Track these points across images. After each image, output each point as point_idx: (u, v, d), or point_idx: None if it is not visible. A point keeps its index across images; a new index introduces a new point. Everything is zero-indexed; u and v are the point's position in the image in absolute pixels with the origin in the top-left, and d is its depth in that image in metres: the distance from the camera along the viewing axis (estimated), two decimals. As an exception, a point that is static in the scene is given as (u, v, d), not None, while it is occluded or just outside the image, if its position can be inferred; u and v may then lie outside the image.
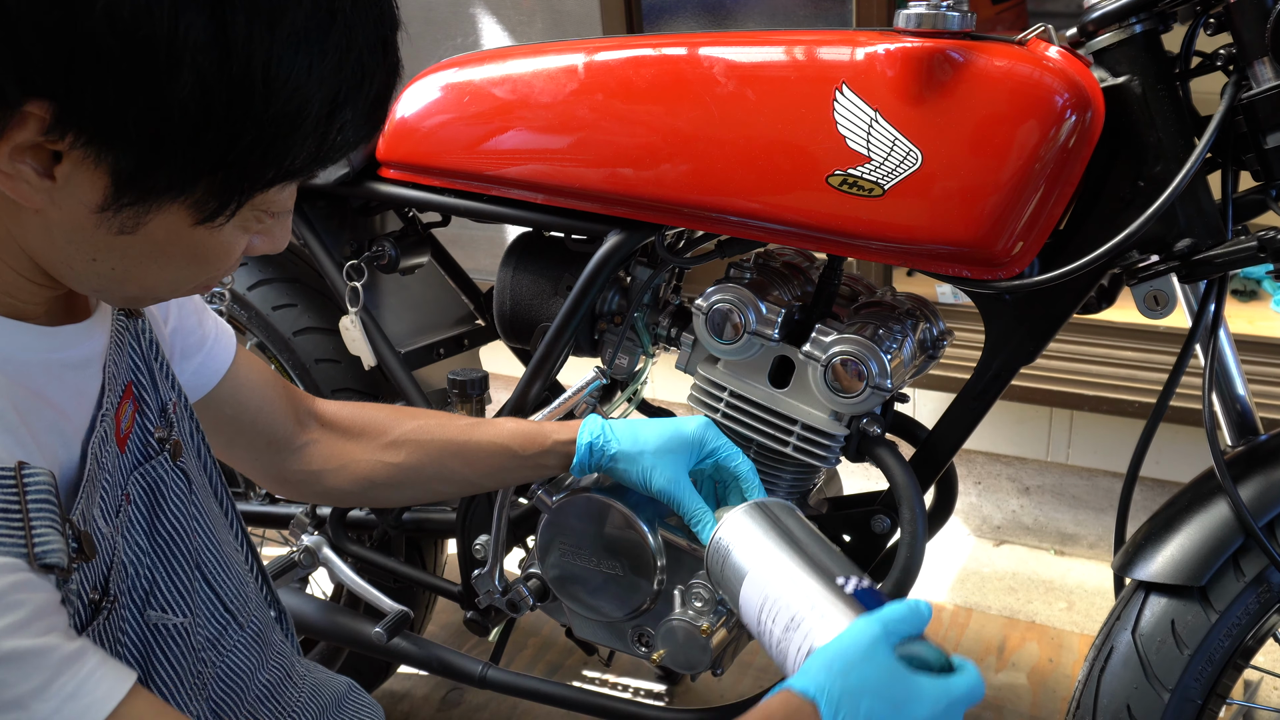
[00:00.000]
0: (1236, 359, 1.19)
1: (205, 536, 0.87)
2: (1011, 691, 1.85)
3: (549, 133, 1.19)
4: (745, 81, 1.08)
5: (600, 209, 1.20)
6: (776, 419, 1.20)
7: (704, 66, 1.10)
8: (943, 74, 1.00)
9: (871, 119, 1.02)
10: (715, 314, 1.19)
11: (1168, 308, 1.06)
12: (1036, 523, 2.24)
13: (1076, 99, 0.99)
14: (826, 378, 1.15)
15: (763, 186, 1.08)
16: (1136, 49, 1.00)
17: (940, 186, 1.01)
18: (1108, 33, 1.00)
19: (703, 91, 1.10)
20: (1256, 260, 0.97)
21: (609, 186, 1.16)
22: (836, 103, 1.03)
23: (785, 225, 1.09)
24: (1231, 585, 1.05)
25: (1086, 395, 2.02)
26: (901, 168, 1.02)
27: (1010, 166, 1.00)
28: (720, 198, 1.11)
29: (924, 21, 1.01)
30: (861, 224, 1.05)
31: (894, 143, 1.02)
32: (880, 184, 1.03)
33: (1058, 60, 1.00)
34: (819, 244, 1.11)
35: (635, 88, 1.13)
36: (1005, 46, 1.01)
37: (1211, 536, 1.06)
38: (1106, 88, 1.01)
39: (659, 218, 1.17)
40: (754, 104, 1.08)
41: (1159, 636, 1.07)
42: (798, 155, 1.06)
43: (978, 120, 1.00)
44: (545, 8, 2.40)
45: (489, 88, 1.22)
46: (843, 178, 1.04)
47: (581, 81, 1.16)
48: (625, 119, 1.14)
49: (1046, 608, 2.05)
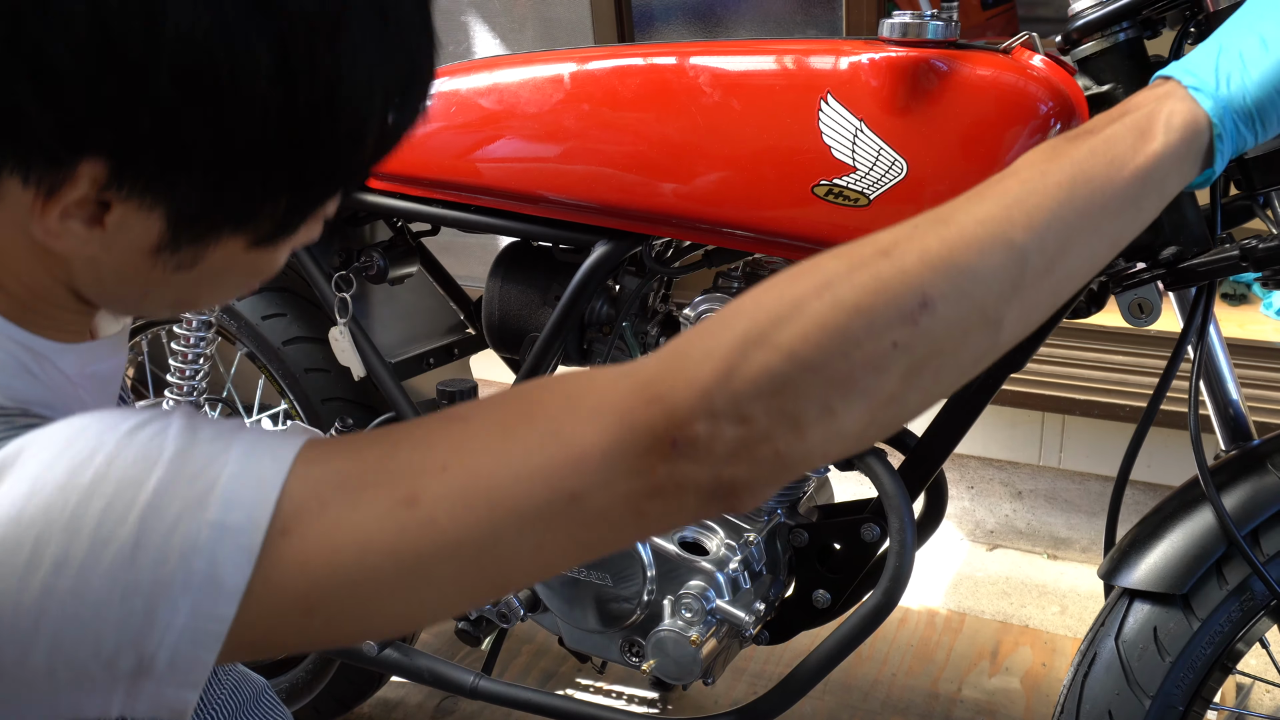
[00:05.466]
0: (1229, 362, 1.18)
1: None
2: (1005, 696, 1.84)
3: (535, 143, 1.18)
4: (731, 91, 1.08)
5: (587, 219, 1.19)
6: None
7: (690, 76, 1.10)
8: (927, 83, 1.00)
9: (857, 129, 1.02)
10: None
11: (1152, 315, 1.06)
12: (1029, 527, 2.23)
13: (1060, 108, 0.99)
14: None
15: (748, 197, 1.08)
16: (1120, 57, 1.00)
17: (926, 196, 1.01)
18: (1091, 40, 1.00)
19: (688, 101, 1.10)
20: (1239, 269, 0.97)
21: (595, 197, 1.16)
22: (822, 112, 1.03)
23: (771, 235, 1.09)
24: (1214, 593, 1.05)
25: (1078, 400, 2.01)
26: (887, 177, 1.02)
27: (989, 174, 1.00)
28: (706, 208, 1.10)
29: (908, 31, 1.01)
30: (848, 234, 1.05)
31: (879, 152, 1.02)
32: (866, 194, 1.03)
33: (1041, 69, 1.00)
34: (805, 254, 1.10)
35: (621, 97, 1.13)
36: (989, 55, 1.01)
37: (1195, 544, 1.06)
38: (1091, 96, 1.01)
39: (645, 228, 1.17)
40: (739, 114, 1.08)
41: (1141, 643, 1.07)
42: (783, 165, 1.06)
43: (962, 129, 1.00)
44: (537, 15, 2.40)
45: (476, 98, 1.22)
46: (828, 188, 1.04)
47: (568, 91, 1.16)
48: (611, 129, 1.14)
49: (1040, 612, 2.05)
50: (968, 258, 0.57)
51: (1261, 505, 1.04)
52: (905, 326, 0.55)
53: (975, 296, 0.57)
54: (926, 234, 0.58)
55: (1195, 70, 0.67)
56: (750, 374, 0.54)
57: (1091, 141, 0.63)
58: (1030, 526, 2.22)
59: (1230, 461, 1.12)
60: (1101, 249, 0.62)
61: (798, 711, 1.80)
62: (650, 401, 0.55)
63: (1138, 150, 0.63)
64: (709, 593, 1.24)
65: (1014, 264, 0.58)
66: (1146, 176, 0.63)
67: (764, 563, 1.28)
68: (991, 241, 0.58)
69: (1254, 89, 0.65)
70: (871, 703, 1.84)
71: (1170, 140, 0.64)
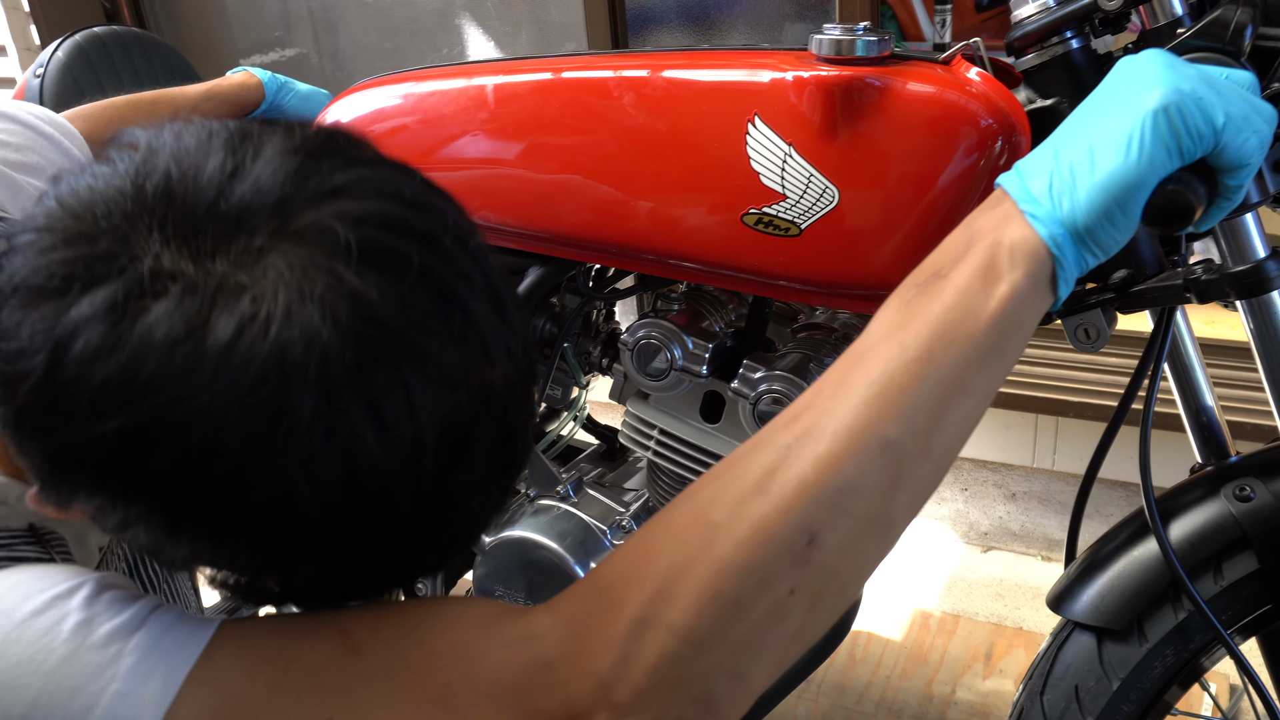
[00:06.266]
0: (1204, 370, 1.12)
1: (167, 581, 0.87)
2: (999, 698, 1.81)
3: (458, 167, 1.14)
4: (656, 112, 1.03)
5: (514, 244, 1.15)
6: (710, 459, 1.16)
7: (614, 96, 1.05)
8: (858, 105, 0.94)
9: (785, 154, 0.96)
10: (641, 350, 1.15)
11: (1100, 340, 1.00)
12: (1023, 529, 2.18)
13: (998, 126, 0.92)
14: (757, 417, 1.10)
15: (676, 225, 1.03)
16: (1063, 70, 0.94)
17: (859, 226, 0.95)
18: (1033, 52, 0.94)
19: (613, 123, 1.05)
20: (1184, 299, 0.91)
21: (520, 223, 1.12)
22: (750, 136, 0.98)
23: (701, 265, 1.04)
24: (1166, 619, 1.02)
25: (1071, 401, 1.96)
26: (818, 206, 0.96)
27: (931, 202, 0.94)
28: (631, 236, 1.05)
29: (838, 49, 0.95)
30: (780, 265, 1.00)
31: (809, 179, 0.96)
32: (797, 223, 0.98)
33: (978, 84, 0.94)
34: (737, 284, 1.06)
35: (543, 119, 1.08)
36: (925, 70, 0.95)
37: (1139, 578, 1.02)
38: (1035, 110, 0.95)
39: (574, 254, 1.12)
40: (665, 137, 1.02)
41: (1087, 666, 1.05)
42: (711, 193, 1.00)
43: (895, 154, 0.94)
44: (531, 18, 2.35)
45: (401, 116, 1.18)
46: (758, 217, 0.99)
47: (490, 112, 1.11)
48: (534, 153, 1.09)
49: (1034, 614, 2.01)
50: (846, 475, 0.54)
51: (1209, 539, 0.99)
52: (797, 569, 0.53)
53: (860, 510, 0.55)
54: (801, 456, 0.55)
55: (1030, 184, 0.62)
56: (648, 662, 0.52)
57: (942, 295, 0.59)
58: (1024, 528, 2.18)
59: (1192, 484, 1.06)
60: (975, 407, 0.59)
61: (791, 714, 1.77)
62: (550, 688, 0.53)
63: (988, 296, 0.59)
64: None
65: (892, 461, 0.55)
66: (1002, 322, 0.58)
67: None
68: (865, 447, 0.55)
69: (1084, 212, 0.59)
70: (865, 704, 1.82)
71: (1016, 279, 0.59)
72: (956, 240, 0.62)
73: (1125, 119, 0.59)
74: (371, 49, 2.45)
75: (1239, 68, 0.71)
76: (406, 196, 0.53)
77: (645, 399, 1.20)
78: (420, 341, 0.50)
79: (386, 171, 0.54)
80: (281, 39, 2.55)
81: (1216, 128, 0.58)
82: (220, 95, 1.35)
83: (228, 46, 2.59)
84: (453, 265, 0.52)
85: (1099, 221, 0.59)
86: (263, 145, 0.51)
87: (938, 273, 0.61)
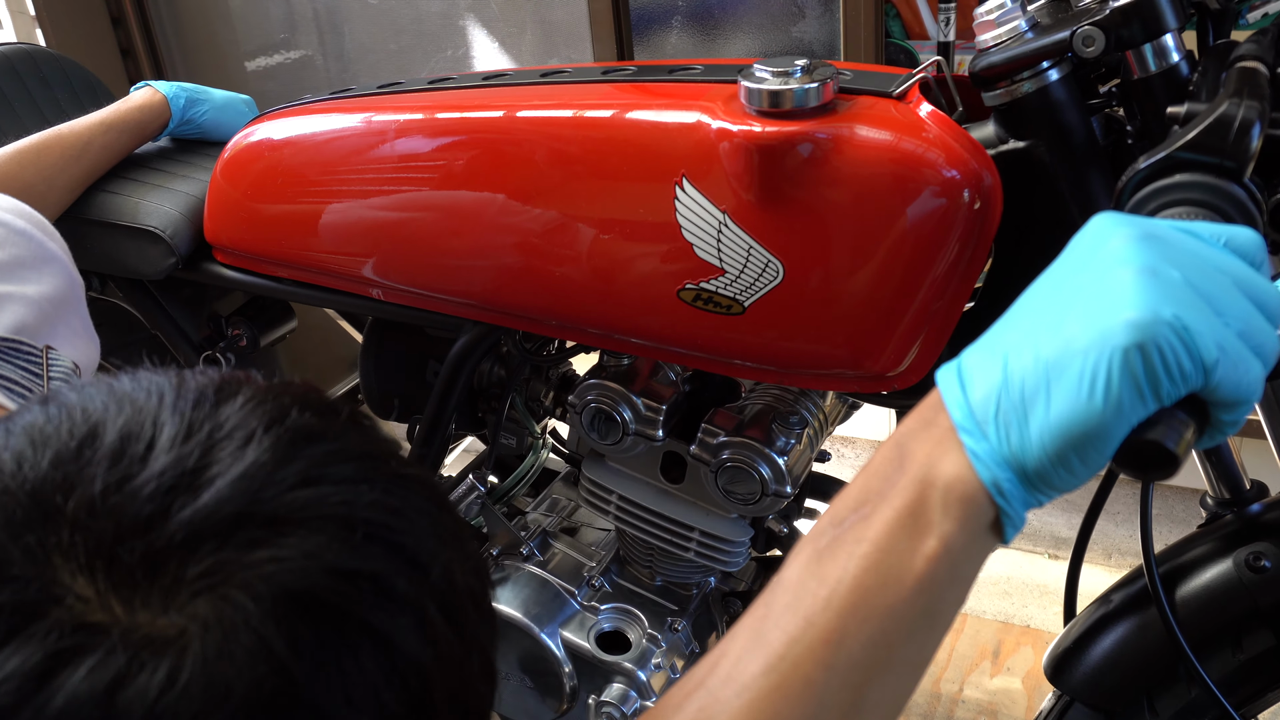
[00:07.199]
0: None
1: None
2: (1007, 696, 1.75)
3: (370, 230, 1.01)
4: (576, 168, 0.88)
5: (440, 308, 1.02)
6: (672, 525, 1.06)
7: (529, 148, 0.90)
8: (800, 166, 0.78)
9: (720, 223, 0.82)
10: (591, 414, 1.03)
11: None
12: (1030, 527, 2.10)
13: (963, 178, 0.77)
14: (719, 484, 0.99)
15: (607, 298, 0.89)
16: (1036, 109, 0.79)
17: (809, 302, 0.81)
18: (1000, 88, 0.79)
19: (533, 179, 0.90)
20: None
21: (443, 287, 0.99)
22: (678, 201, 0.83)
23: (638, 340, 0.91)
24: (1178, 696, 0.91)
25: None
26: (760, 282, 0.82)
27: (885, 273, 0.80)
28: (558, 307, 0.92)
29: (775, 100, 0.79)
30: (723, 343, 0.86)
31: (749, 252, 0.82)
32: (739, 300, 0.84)
33: (933, 129, 0.78)
34: (680, 359, 0.93)
35: (453, 174, 0.94)
36: (877, 112, 0.80)
37: (1143, 654, 0.91)
38: (1003, 154, 0.80)
39: (503, 320, 0.99)
40: (589, 196, 0.88)
41: None
42: (642, 264, 0.86)
43: (848, 219, 0.79)
44: (535, 20, 2.23)
45: (303, 169, 1.04)
46: (696, 292, 0.85)
47: (395, 167, 0.97)
48: (448, 212, 0.95)
49: (1041, 612, 1.94)
50: None
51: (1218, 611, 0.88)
52: None
53: None
54: None
55: (972, 394, 0.48)
56: None
57: (860, 549, 0.48)
58: (1031, 527, 2.10)
59: (1200, 541, 0.94)
60: (902, 682, 0.48)
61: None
62: None
63: (914, 552, 0.47)
64: (630, 694, 1.12)
65: None
66: (931, 585, 0.47)
67: (694, 644, 1.16)
68: None
69: (1035, 454, 0.45)
70: (870, 701, 1.76)
71: (948, 532, 0.47)
72: (886, 458, 0.50)
73: (1088, 342, 0.44)
74: (376, 50, 2.39)
75: (1241, 223, 0.56)
76: (357, 534, 0.41)
77: (602, 458, 1.09)
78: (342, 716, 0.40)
79: (344, 488, 0.42)
80: (286, 41, 2.49)
81: (1206, 366, 0.43)
82: (119, 125, 1.22)
83: (233, 49, 2.54)
84: (399, 618, 0.41)
85: (1052, 468, 0.46)
86: (218, 437, 0.41)
87: (859, 508, 0.49)
